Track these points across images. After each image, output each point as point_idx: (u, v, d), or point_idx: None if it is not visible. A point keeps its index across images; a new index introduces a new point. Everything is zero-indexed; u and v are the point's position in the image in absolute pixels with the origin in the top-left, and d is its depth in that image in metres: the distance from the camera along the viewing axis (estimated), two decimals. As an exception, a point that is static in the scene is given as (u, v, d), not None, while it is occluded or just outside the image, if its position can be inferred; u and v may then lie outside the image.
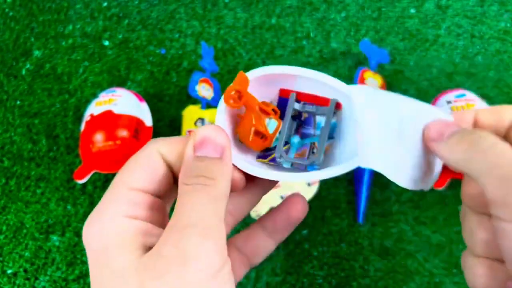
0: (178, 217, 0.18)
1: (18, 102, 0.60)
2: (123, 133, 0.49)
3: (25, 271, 0.48)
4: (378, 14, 0.63)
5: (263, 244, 0.26)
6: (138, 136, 0.50)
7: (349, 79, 0.58)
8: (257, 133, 0.26)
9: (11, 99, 0.60)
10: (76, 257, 0.49)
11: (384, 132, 0.24)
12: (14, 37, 0.65)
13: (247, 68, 0.61)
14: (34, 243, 0.50)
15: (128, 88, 0.58)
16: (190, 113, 0.53)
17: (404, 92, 0.57)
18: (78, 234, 0.50)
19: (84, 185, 0.53)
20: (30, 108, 0.59)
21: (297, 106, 0.27)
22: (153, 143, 0.22)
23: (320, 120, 0.27)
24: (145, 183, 0.21)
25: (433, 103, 0.51)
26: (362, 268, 0.46)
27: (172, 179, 0.22)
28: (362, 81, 0.53)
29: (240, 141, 0.27)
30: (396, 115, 0.24)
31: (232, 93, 0.27)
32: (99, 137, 0.48)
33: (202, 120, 0.52)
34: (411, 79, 0.57)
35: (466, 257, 0.22)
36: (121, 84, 0.60)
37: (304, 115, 0.27)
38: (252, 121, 0.26)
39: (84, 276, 0.48)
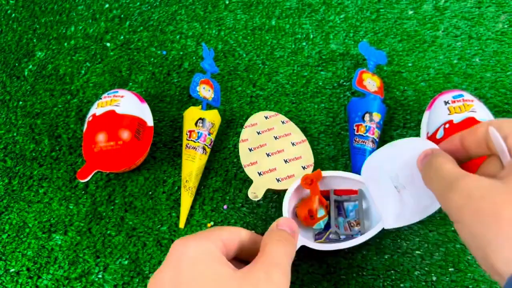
0: (267, 256, 0.30)
1: (21, 103, 0.60)
2: (125, 133, 0.49)
3: (28, 270, 0.49)
4: (376, 15, 0.64)
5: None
6: (140, 136, 0.51)
7: (348, 80, 0.59)
8: (310, 211, 0.44)
9: (13, 99, 0.61)
10: (78, 255, 0.49)
11: (384, 194, 0.42)
12: (17, 38, 0.66)
13: (247, 69, 0.61)
14: (37, 242, 0.50)
15: (130, 89, 0.59)
16: (191, 113, 0.53)
17: (402, 92, 0.57)
18: (80, 233, 0.51)
19: (86, 184, 0.53)
20: (33, 109, 0.60)
21: (336, 197, 0.47)
22: (215, 238, 0.32)
23: (347, 205, 0.48)
24: (229, 242, 0.32)
25: (431, 104, 0.51)
26: (359, 266, 0.46)
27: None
28: (361, 82, 0.53)
29: (295, 215, 0.46)
30: (389, 171, 0.41)
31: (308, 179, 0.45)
32: (101, 137, 0.49)
33: (202, 120, 0.52)
34: (409, 80, 0.58)
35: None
36: (123, 85, 0.60)
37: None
38: (312, 202, 0.44)
39: (86, 274, 0.48)
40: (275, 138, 0.52)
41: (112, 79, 0.61)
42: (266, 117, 0.54)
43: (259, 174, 0.49)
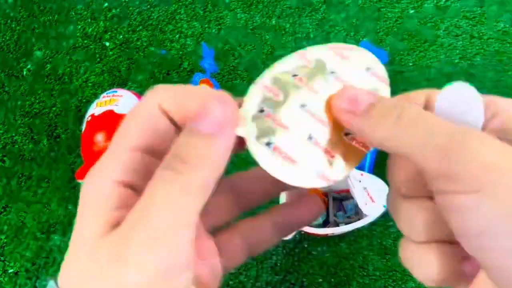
0: (140, 210, 0.16)
1: (19, 102, 0.60)
2: (124, 133, 0.49)
3: (27, 270, 0.49)
4: (377, 15, 0.64)
5: (268, 237, 0.24)
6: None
7: (349, 80, 0.58)
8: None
9: (12, 99, 0.60)
10: (77, 256, 0.49)
11: None
12: (16, 37, 0.65)
13: (247, 69, 0.61)
14: (36, 243, 0.50)
15: (129, 89, 0.59)
16: (191, 113, 0.53)
17: (403, 92, 0.57)
18: (79, 233, 0.50)
19: (85, 185, 0.53)
20: (31, 108, 0.59)
21: (334, 195, 0.49)
22: (151, 94, 0.19)
23: (346, 204, 0.49)
24: (144, 140, 0.18)
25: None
26: (361, 267, 0.46)
27: (174, 132, 0.19)
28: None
29: None
30: None
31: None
32: (100, 137, 0.49)
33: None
34: (410, 80, 0.58)
35: (408, 247, 0.19)
36: (122, 84, 0.60)
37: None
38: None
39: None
40: None
41: (111, 79, 0.61)
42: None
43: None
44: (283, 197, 0.44)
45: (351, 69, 0.19)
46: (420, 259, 0.18)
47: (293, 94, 0.19)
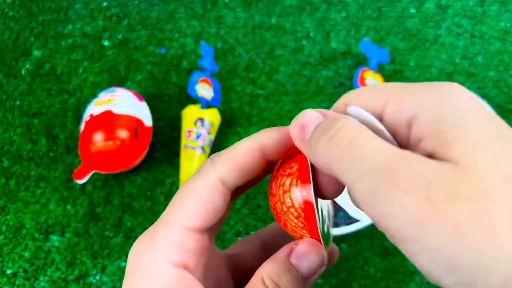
0: None
1: (18, 102, 0.60)
2: (123, 133, 0.49)
3: (25, 271, 0.48)
4: (378, 14, 0.63)
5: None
6: (138, 136, 0.50)
7: (349, 79, 0.58)
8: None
9: (10, 99, 0.60)
10: (75, 257, 0.48)
11: None
12: (14, 37, 0.65)
13: (247, 68, 0.61)
14: (34, 244, 0.50)
15: (128, 88, 0.58)
16: (190, 113, 0.53)
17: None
18: (78, 234, 0.50)
19: (83, 185, 0.53)
20: (30, 108, 0.59)
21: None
22: (213, 167, 0.19)
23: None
24: (203, 219, 0.18)
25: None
26: (362, 268, 0.46)
27: (230, 201, 0.20)
28: (362, 81, 0.53)
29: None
30: None
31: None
32: (98, 137, 0.48)
33: (202, 120, 0.52)
34: (411, 79, 0.57)
35: None
36: (121, 84, 0.60)
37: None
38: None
39: (83, 276, 0.47)
40: None
41: (110, 78, 0.60)
42: None
43: None
44: None
45: None
46: None
47: None
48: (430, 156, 0.15)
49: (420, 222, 0.13)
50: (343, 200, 0.45)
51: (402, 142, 0.17)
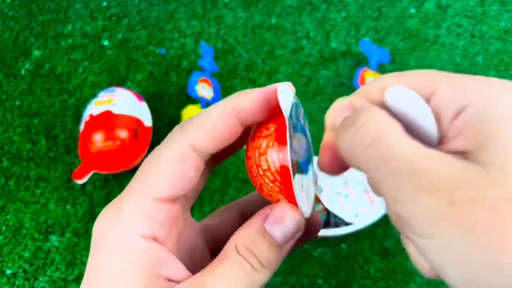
0: (206, 281, 0.17)
1: (18, 102, 0.60)
2: (123, 133, 0.49)
3: (25, 271, 0.48)
4: (378, 14, 0.63)
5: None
6: (138, 136, 0.50)
7: (349, 79, 0.58)
8: None
9: (10, 99, 0.60)
10: (75, 257, 0.48)
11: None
12: (14, 36, 0.65)
13: (247, 68, 0.61)
14: (34, 244, 0.50)
15: (128, 88, 0.58)
16: (190, 113, 0.53)
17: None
18: (78, 234, 0.50)
19: (83, 185, 0.53)
20: (30, 108, 0.59)
21: None
22: (183, 133, 0.18)
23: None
24: (172, 190, 0.17)
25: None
26: (362, 268, 0.45)
27: (205, 170, 0.19)
28: (362, 81, 0.53)
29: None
30: None
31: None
32: (98, 137, 0.48)
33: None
34: (411, 79, 0.57)
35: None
36: (121, 84, 0.60)
37: None
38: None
39: (83, 276, 0.47)
40: None
41: (109, 78, 0.60)
42: None
43: None
44: None
45: None
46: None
47: None
48: (463, 153, 0.15)
49: (440, 221, 0.13)
50: (337, 207, 0.45)
51: (442, 131, 0.16)
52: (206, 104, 0.54)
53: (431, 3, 0.63)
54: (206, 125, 0.18)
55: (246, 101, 0.18)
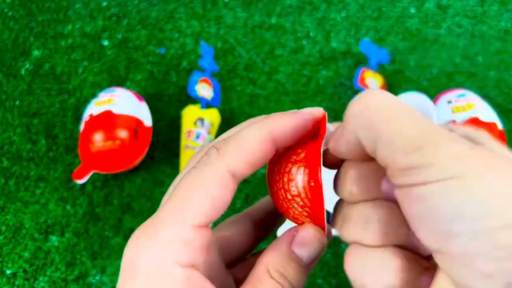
0: None
1: (17, 102, 0.59)
2: (123, 133, 0.49)
3: (25, 271, 0.48)
4: (378, 14, 0.63)
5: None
6: (138, 136, 0.50)
7: (349, 79, 0.58)
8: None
9: (10, 99, 0.60)
10: (75, 257, 0.48)
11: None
12: (13, 36, 0.65)
13: (247, 68, 0.61)
14: (34, 244, 0.50)
15: (128, 88, 0.58)
16: (190, 113, 0.53)
17: (405, 92, 0.56)
18: (78, 234, 0.50)
19: (83, 185, 0.53)
20: (29, 108, 0.59)
21: None
22: (221, 157, 0.17)
23: None
24: (211, 216, 0.17)
25: (434, 103, 0.51)
26: (362, 268, 0.45)
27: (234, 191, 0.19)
28: (362, 81, 0.53)
29: None
30: None
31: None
32: (98, 137, 0.48)
33: (201, 120, 0.52)
34: (411, 79, 0.57)
35: (358, 252, 0.18)
36: (121, 84, 0.60)
37: None
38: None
39: (83, 276, 0.47)
40: None
41: (109, 78, 0.60)
42: None
43: None
44: (279, 232, 0.44)
45: None
46: (374, 264, 0.17)
47: None
48: None
49: (463, 159, 0.14)
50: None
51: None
52: (206, 104, 0.53)
53: (431, 3, 0.63)
54: (244, 150, 0.18)
55: (284, 126, 0.18)
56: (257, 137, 0.18)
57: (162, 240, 0.16)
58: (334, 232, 0.35)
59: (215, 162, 0.17)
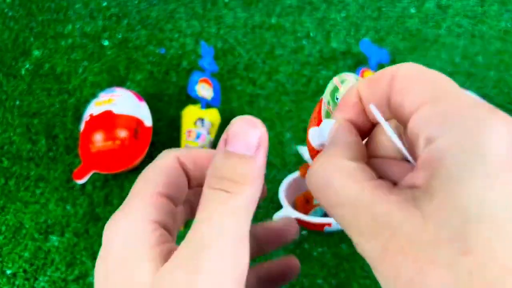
0: (195, 233, 0.16)
1: (18, 102, 0.60)
2: (123, 133, 0.49)
3: (25, 271, 0.48)
4: (378, 14, 0.63)
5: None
6: (138, 136, 0.50)
7: (349, 79, 0.58)
8: (306, 196, 0.44)
9: (10, 99, 0.60)
10: (75, 257, 0.48)
11: None
12: (14, 36, 0.65)
13: (247, 68, 0.61)
14: (34, 244, 0.50)
15: (128, 88, 0.58)
16: (190, 113, 0.53)
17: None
18: (78, 234, 0.50)
19: (83, 185, 0.53)
20: (29, 108, 0.59)
21: None
22: (172, 149, 0.21)
23: None
24: (166, 188, 0.19)
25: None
26: (362, 268, 0.45)
27: (187, 186, 0.21)
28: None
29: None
30: None
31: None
32: (98, 137, 0.48)
33: (201, 120, 0.52)
34: (411, 79, 0.57)
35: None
36: (121, 84, 0.60)
37: None
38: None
39: (83, 276, 0.47)
40: None
41: (109, 78, 0.60)
42: None
43: None
44: (275, 217, 0.44)
45: None
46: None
47: None
48: (419, 188, 0.14)
49: (375, 265, 0.14)
50: None
51: (416, 154, 0.15)
52: (206, 104, 0.54)
53: (431, 3, 0.63)
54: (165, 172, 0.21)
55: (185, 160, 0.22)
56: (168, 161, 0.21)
57: (133, 208, 0.19)
58: (323, 220, 0.35)
59: (166, 152, 0.21)
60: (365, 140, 0.18)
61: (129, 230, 0.18)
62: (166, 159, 0.20)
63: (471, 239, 0.12)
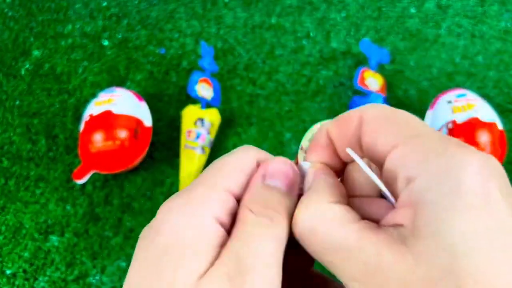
0: (237, 250, 0.17)
1: (17, 102, 0.59)
2: (122, 133, 0.49)
3: (24, 271, 0.48)
4: (378, 13, 0.63)
5: None
6: (138, 136, 0.50)
7: (349, 79, 0.58)
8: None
9: (10, 99, 0.60)
10: (75, 257, 0.48)
11: None
12: (14, 36, 0.65)
13: (247, 68, 0.61)
14: (33, 244, 0.50)
15: (128, 88, 0.58)
16: (190, 113, 0.53)
17: (404, 91, 0.56)
18: (77, 234, 0.50)
19: (83, 185, 0.53)
20: (29, 108, 0.59)
21: None
22: (251, 148, 0.20)
23: None
24: (238, 188, 0.18)
25: (434, 103, 0.51)
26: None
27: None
28: (362, 81, 0.53)
29: None
30: None
31: None
32: (98, 137, 0.48)
33: (201, 120, 0.52)
34: (411, 79, 0.57)
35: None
36: (121, 84, 0.60)
37: None
38: None
39: (83, 276, 0.47)
40: None
41: (109, 78, 0.60)
42: None
43: None
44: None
45: None
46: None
47: None
48: (403, 226, 0.14)
49: None
50: None
51: (395, 192, 0.16)
52: (206, 104, 0.53)
53: (431, 3, 0.63)
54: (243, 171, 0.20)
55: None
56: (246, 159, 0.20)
57: (194, 198, 0.17)
58: None
59: (245, 150, 0.19)
60: (339, 179, 0.19)
61: (193, 222, 0.17)
62: (247, 158, 0.19)
63: (461, 276, 0.13)
